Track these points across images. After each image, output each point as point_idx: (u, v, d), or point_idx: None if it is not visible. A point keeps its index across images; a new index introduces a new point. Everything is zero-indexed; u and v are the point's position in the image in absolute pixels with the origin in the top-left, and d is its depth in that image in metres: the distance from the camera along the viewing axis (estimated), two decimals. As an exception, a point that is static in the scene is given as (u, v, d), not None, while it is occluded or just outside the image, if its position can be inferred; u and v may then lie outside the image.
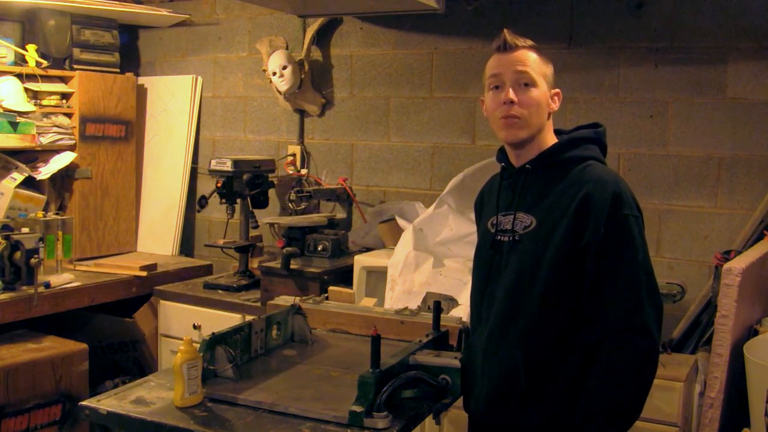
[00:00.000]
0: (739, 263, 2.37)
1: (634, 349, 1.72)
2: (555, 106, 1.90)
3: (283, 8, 3.62)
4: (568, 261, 1.77)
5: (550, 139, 1.91)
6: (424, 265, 2.81)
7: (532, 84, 1.84)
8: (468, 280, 2.69)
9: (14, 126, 3.47)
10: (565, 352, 1.79)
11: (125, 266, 3.64)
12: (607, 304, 1.75)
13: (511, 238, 1.86)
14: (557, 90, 1.91)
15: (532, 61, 1.85)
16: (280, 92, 3.76)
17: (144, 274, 3.59)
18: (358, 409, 1.71)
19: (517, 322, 1.82)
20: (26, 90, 3.62)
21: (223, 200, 3.48)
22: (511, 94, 1.83)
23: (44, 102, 3.70)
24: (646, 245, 1.79)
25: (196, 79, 4.16)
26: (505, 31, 1.87)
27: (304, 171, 3.83)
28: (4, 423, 2.91)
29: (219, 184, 3.46)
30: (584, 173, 1.82)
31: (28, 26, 3.84)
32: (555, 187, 1.83)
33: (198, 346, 1.89)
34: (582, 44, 3.16)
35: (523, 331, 1.81)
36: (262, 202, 3.58)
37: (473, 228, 2.93)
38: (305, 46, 3.71)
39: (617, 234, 1.75)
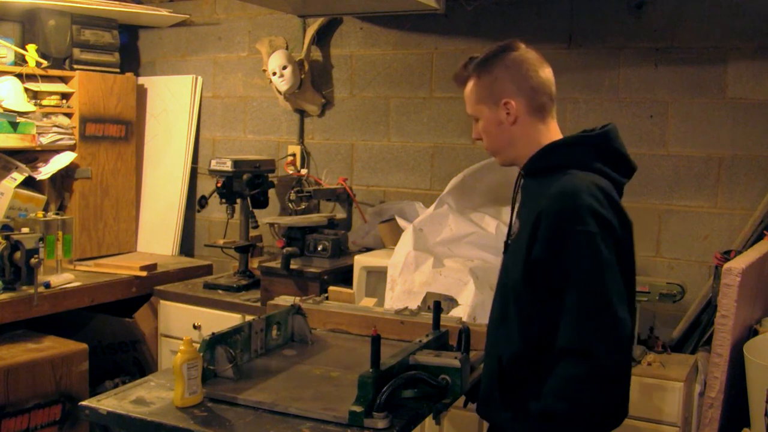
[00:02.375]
0: (739, 263, 2.37)
1: (570, 370, 1.63)
2: (512, 117, 1.79)
3: (283, 8, 3.62)
4: (527, 273, 1.72)
5: (544, 142, 1.82)
6: (424, 265, 2.81)
7: (476, 118, 1.86)
8: (468, 280, 2.70)
9: (14, 126, 3.46)
10: (539, 359, 1.73)
11: (125, 266, 3.64)
12: (559, 321, 1.67)
13: (510, 242, 1.89)
14: (505, 100, 1.78)
15: (470, 95, 1.85)
16: (280, 92, 3.76)
17: (144, 274, 3.59)
18: (358, 409, 1.71)
19: (503, 325, 1.82)
20: (26, 90, 3.62)
21: (223, 200, 3.48)
22: (473, 133, 1.89)
23: (44, 102, 3.70)
24: (602, 261, 1.62)
25: (196, 79, 4.16)
26: (458, 68, 1.88)
27: (304, 171, 3.83)
28: (4, 423, 2.91)
29: (219, 184, 3.46)
30: (554, 182, 1.72)
31: (28, 26, 3.83)
32: (535, 195, 1.77)
33: (198, 346, 1.89)
34: (582, 44, 3.17)
35: (506, 334, 1.80)
36: (262, 202, 3.58)
37: (473, 228, 2.95)
38: (305, 46, 3.71)
39: (564, 251, 1.65)
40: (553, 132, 1.85)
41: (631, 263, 1.75)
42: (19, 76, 3.60)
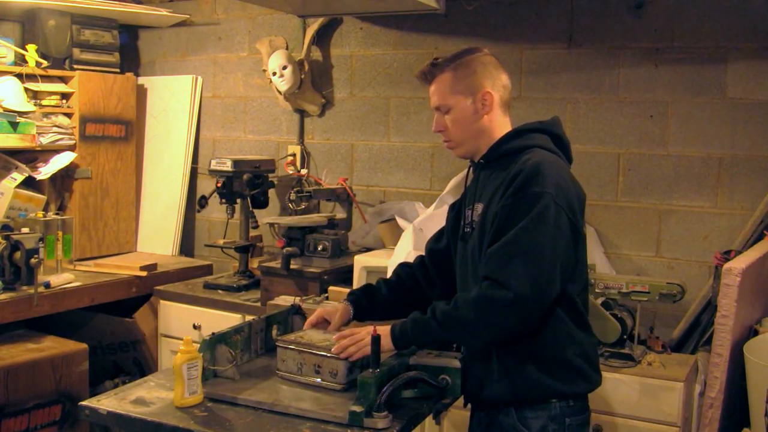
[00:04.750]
0: (739, 263, 2.37)
1: (488, 291, 1.75)
2: (487, 107, 1.94)
3: (283, 8, 3.62)
4: None
5: (500, 134, 1.97)
6: (424, 265, 2.80)
7: (447, 109, 1.98)
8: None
9: (14, 126, 3.46)
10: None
11: (125, 266, 3.64)
12: (485, 260, 1.82)
13: (471, 229, 1.97)
14: (486, 90, 1.94)
15: (443, 87, 1.97)
16: (280, 92, 3.76)
17: (144, 274, 3.59)
18: (358, 409, 1.71)
19: None
20: (26, 90, 3.62)
21: (223, 200, 3.48)
22: (434, 126, 2.03)
23: (44, 102, 3.70)
24: (552, 223, 1.77)
25: (196, 79, 4.16)
26: (425, 65, 2.01)
27: (304, 171, 3.83)
28: (4, 423, 2.91)
29: (219, 184, 3.46)
30: (522, 159, 1.87)
31: (28, 26, 3.83)
32: (499, 175, 1.91)
33: (198, 346, 1.89)
34: (582, 44, 3.17)
35: None
36: (262, 202, 3.58)
37: (473, 228, 2.94)
38: (305, 46, 3.71)
39: (518, 205, 1.79)
40: (509, 126, 2.01)
41: (583, 235, 1.91)
42: (19, 76, 3.60)
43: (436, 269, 2.20)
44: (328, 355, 1.91)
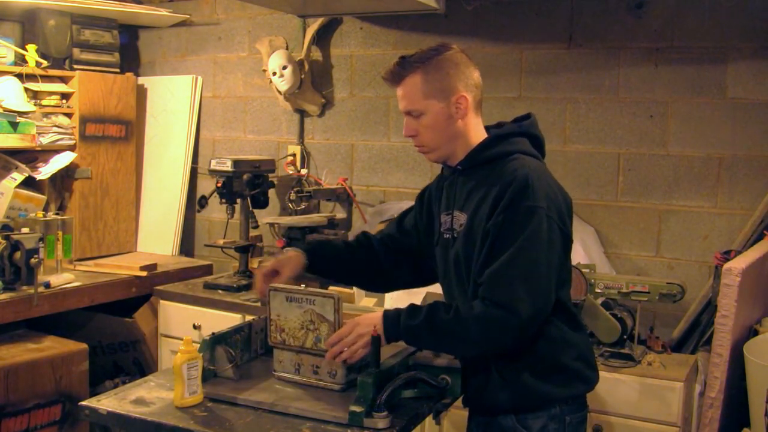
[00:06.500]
0: (739, 263, 2.37)
1: (494, 312, 1.73)
2: (461, 111, 1.88)
3: (283, 8, 3.62)
4: None
5: (477, 139, 1.92)
6: (424, 265, 2.80)
7: (419, 114, 1.90)
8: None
9: (14, 126, 3.46)
10: None
11: (125, 266, 3.64)
12: (485, 280, 1.77)
13: (451, 236, 1.93)
14: (460, 94, 1.87)
15: (414, 90, 1.89)
16: (280, 92, 3.76)
17: (144, 274, 3.59)
18: (358, 409, 1.71)
19: None
20: (26, 90, 3.62)
21: (223, 200, 3.48)
22: (405, 131, 1.95)
23: (44, 102, 3.70)
24: (545, 238, 1.76)
25: (196, 79, 4.16)
26: (392, 65, 1.94)
27: (304, 171, 3.83)
28: (4, 423, 2.91)
29: (219, 184, 3.46)
30: (506, 168, 1.84)
31: (28, 26, 3.83)
32: (483, 184, 1.87)
33: (198, 346, 1.90)
34: (582, 44, 3.17)
35: None
36: (262, 202, 3.58)
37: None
38: (305, 46, 3.71)
39: (512, 221, 1.76)
40: (482, 127, 1.96)
41: (571, 240, 1.90)
42: (19, 76, 3.60)
43: (398, 256, 2.17)
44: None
